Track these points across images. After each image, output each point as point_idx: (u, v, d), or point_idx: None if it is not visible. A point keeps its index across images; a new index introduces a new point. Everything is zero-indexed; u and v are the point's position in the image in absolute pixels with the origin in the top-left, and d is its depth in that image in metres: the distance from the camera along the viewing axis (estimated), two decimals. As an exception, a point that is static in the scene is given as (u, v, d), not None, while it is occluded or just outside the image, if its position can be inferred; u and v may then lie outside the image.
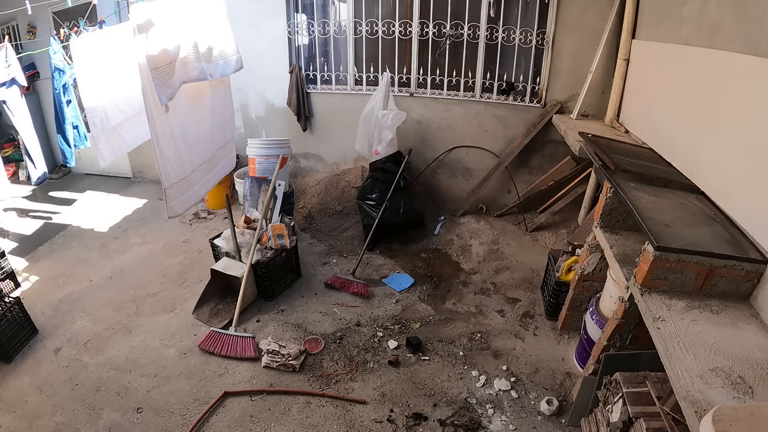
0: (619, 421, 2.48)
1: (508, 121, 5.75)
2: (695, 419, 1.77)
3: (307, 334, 4.29)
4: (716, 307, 2.43)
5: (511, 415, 3.45)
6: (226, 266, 4.57)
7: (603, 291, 3.51)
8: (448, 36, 5.58)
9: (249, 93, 6.68)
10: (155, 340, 4.26)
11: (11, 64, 4.65)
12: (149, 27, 3.58)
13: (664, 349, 2.15)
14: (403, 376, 3.84)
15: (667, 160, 3.54)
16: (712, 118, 3.05)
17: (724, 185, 2.91)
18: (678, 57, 3.57)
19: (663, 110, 3.80)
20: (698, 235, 2.58)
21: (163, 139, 3.96)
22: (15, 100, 4.85)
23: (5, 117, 5.07)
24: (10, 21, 7.01)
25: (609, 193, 3.33)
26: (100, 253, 5.72)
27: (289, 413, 3.52)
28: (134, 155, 7.07)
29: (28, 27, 6.96)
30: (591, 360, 3.28)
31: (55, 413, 3.55)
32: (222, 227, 5.77)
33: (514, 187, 5.95)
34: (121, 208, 6.83)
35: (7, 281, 4.61)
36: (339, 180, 6.58)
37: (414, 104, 6.01)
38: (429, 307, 4.66)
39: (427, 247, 5.68)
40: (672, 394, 2.26)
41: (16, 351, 4.10)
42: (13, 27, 7.10)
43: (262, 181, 5.32)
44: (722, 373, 1.98)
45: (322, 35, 6.11)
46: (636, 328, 2.93)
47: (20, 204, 7.06)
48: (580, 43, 5.07)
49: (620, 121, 4.61)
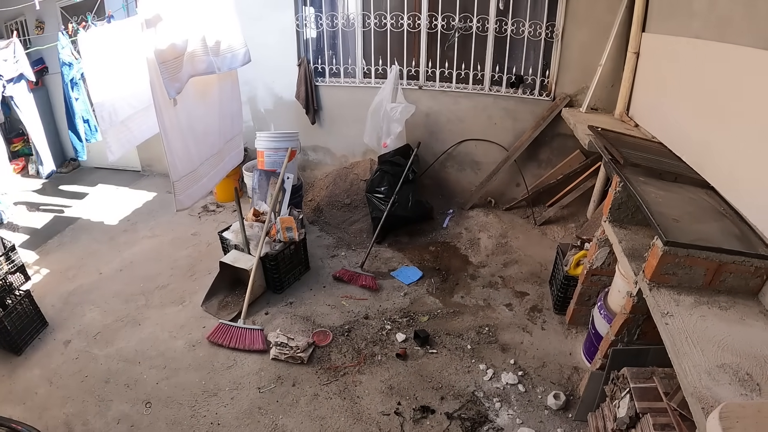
0: (626, 417, 2.48)
1: (517, 114, 5.72)
2: (702, 416, 1.76)
3: (316, 326, 4.31)
4: (725, 303, 2.42)
5: (518, 409, 3.45)
6: (235, 259, 4.59)
7: (611, 285, 3.50)
8: (457, 29, 5.55)
9: (257, 86, 6.68)
10: (164, 332, 4.29)
11: (19, 60, 4.69)
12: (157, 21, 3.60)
13: (672, 344, 2.14)
14: (410, 369, 3.85)
15: (676, 154, 3.51)
16: (722, 113, 3.02)
17: (734, 180, 2.89)
18: (688, 51, 3.53)
19: (673, 104, 3.76)
20: (707, 231, 2.57)
21: (171, 133, 3.99)
22: (22, 96, 4.89)
23: (14, 112, 5.10)
24: (18, 16, 7.04)
25: (618, 187, 3.31)
26: (110, 246, 5.76)
27: (297, 405, 3.54)
28: (143, 149, 7.08)
29: (36, 22, 6.98)
30: (598, 355, 3.27)
31: (64, 405, 3.59)
32: (231, 220, 5.78)
33: (522, 180, 5.92)
34: (130, 201, 6.87)
35: (17, 274, 4.65)
36: (347, 173, 6.58)
37: (423, 97, 5.99)
38: (437, 300, 4.67)
39: (436, 240, 5.68)
40: (679, 390, 2.25)
41: (27, 343, 4.14)
42: (21, 22, 7.13)
43: (271, 174, 5.33)
44: (730, 370, 1.97)
45: (331, 28, 6.09)
46: (644, 323, 2.92)
47: (30, 198, 7.10)
48: (589, 36, 5.03)
49: (630, 115, 4.58)
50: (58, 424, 3.44)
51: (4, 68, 4.58)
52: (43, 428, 3.35)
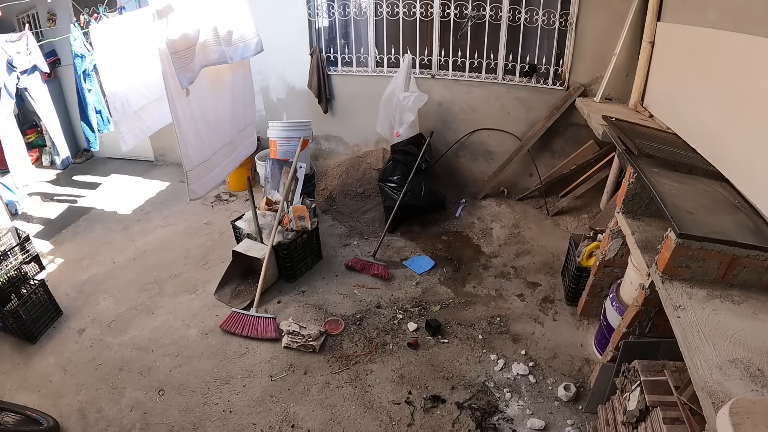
0: (636, 410, 2.47)
1: (530, 103, 5.68)
2: (712, 410, 1.76)
3: (328, 315, 4.33)
4: (737, 297, 2.40)
5: (529, 400, 3.46)
6: (248, 248, 4.62)
7: (624, 277, 3.49)
8: (470, 17, 5.50)
9: (269, 75, 6.68)
10: (177, 321, 4.34)
11: (32, 52, 4.72)
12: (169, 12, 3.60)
13: (684, 338, 2.13)
14: (421, 358, 3.87)
15: (691, 145, 3.47)
16: (738, 104, 2.98)
17: (749, 173, 2.85)
18: (704, 40, 3.48)
19: (688, 95, 3.72)
20: (721, 224, 2.54)
21: (184, 123, 4.00)
22: (37, 87, 4.93)
23: (28, 104, 5.14)
24: (30, 9, 7.07)
25: (632, 178, 3.29)
26: (123, 236, 5.81)
27: (309, 393, 3.58)
28: (156, 139, 7.12)
29: (48, 15, 7.00)
30: (610, 347, 3.26)
31: (78, 392, 3.65)
32: (243, 209, 5.81)
33: (535, 170, 5.89)
34: (143, 191, 6.92)
35: (32, 264, 4.69)
36: (360, 162, 6.58)
37: (435, 86, 5.96)
38: (449, 290, 4.67)
39: (448, 230, 5.67)
40: (690, 384, 2.24)
41: (41, 332, 4.21)
42: (33, 15, 7.15)
43: (284, 163, 5.34)
44: (741, 365, 1.96)
45: (343, 17, 6.07)
46: (656, 315, 2.91)
47: (44, 188, 7.17)
48: (604, 24, 4.97)
49: (644, 105, 4.53)
50: (73, 411, 3.50)
51: (17, 60, 4.61)
52: (57, 416, 3.42)
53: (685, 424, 2.20)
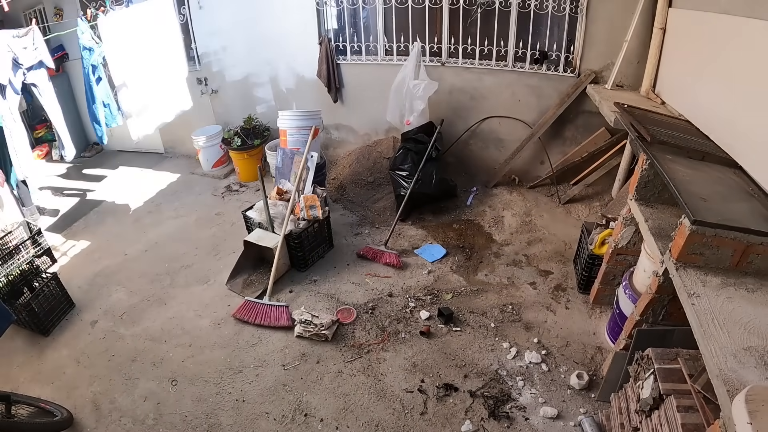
0: (650, 398, 2.47)
1: (541, 91, 5.64)
2: (727, 398, 1.74)
3: (340, 304, 4.35)
4: (752, 285, 2.37)
5: (541, 388, 3.46)
6: (259, 237, 4.64)
7: (637, 265, 3.47)
8: (480, 4, 5.45)
9: (278, 65, 6.67)
10: (189, 311, 4.37)
11: (38, 47, 4.74)
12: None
13: (698, 325, 2.11)
14: (434, 346, 3.88)
15: (704, 132, 3.43)
16: (752, 91, 2.93)
17: (763, 160, 2.81)
18: (716, 26, 3.43)
19: (701, 81, 3.66)
20: (735, 211, 2.51)
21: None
22: (43, 82, 4.95)
23: (36, 99, 5.17)
24: (36, 4, 7.11)
25: (645, 165, 3.26)
26: (135, 228, 5.85)
27: (321, 382, 3.60)
28: (165, 131, 7.15)
29: (54, 10, 7.03)
30: (623, 335, 3.25)
31: (92, 383, 3.70)
32: (254, 199, 5.83)
33: (547, 158, 5.86)
34: (154, 183, 6.96)
35: (44, 258, 4.73)
36: (371, 151, 6.58)
37: (445, 74, 5.93)
38: (461, 278, 4.67)
39: (460, 218, 5.66)
40: (704, 372, 2.23)
41: (54, 324, 4.26)
42: (39, 10, 7.19)
43: (294, 153, 5.34)
44: (756, 353, 1.94)
45: (351, 5, 6.04)
46: (669, 303, 2.89)
47: (55, 182, 7.23)
48: (615, 10, 4.90)
49: (656, 92, 4.48)
50: (86, 402, 3.54)
51: (23, 56, 4.64)
52: (71, 407, 3.46)
53: (699, 412, 2.20)
